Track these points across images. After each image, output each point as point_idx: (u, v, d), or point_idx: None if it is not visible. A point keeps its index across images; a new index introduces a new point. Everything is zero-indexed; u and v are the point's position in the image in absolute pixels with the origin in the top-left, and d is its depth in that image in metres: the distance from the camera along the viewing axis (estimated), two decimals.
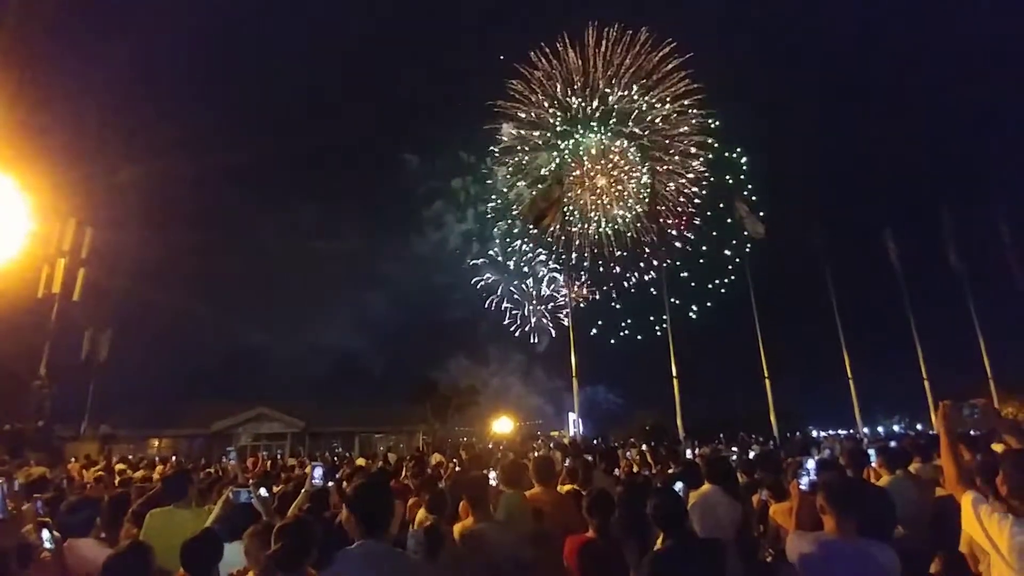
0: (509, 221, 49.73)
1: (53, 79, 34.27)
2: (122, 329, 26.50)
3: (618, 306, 48.15)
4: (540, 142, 49.41)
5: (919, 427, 28.38)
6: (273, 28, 53.29)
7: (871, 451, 5.09)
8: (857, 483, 4.13)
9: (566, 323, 44.88)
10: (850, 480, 4.17)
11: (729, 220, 24.26)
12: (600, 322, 47.74)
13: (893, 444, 9.51)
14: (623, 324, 47.41)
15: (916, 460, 5.47)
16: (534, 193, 33.98)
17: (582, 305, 43.86)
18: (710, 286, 44.58)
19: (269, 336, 43.13)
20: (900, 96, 53.58)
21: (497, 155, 49.74)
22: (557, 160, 48.34)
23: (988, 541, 2.35)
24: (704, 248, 46.25)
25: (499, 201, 50.63)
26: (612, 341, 46.68)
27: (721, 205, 41.81)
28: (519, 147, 49.64)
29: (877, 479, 4.76)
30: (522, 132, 49.36)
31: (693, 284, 45.41)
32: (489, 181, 50.84)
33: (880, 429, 36.62)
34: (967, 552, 3.21)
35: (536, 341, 47.48)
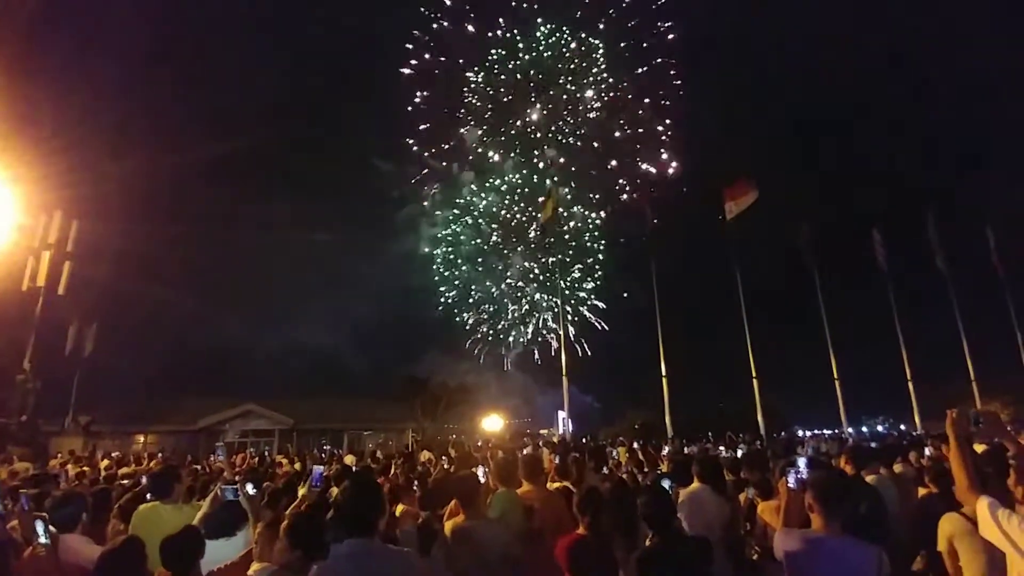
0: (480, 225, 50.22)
1: (38, 73, 33.75)
2: (108, 323, 26.23)
3: (605, 307, 48.48)
4: (502, 151, 50.14)
5: (902, 427, 28.78)
6: (258, 27, 52.77)
7: None
8: (846, 481, 4.18)
9: (544, 331, 45.49)
10: (839, 478, 4.22)
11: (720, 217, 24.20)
12: (588, 320, 48.03)
13: (874, 445, 9.69)
14: (613, 324, 47.73)
15: (899, 460, 5.57)
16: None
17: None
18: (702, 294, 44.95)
19: (257, 332, 42.80)
20: (888, 97, 54.19)
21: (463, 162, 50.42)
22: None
23: (1010, 544, 2.38)
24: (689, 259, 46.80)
25: (470, 207, 51.09)
26: (602, 331, 47.01)
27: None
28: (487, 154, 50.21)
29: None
30: (486, 140, 50.00)
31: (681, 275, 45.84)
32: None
33: (864, 429, 37.08)
34: (945, 551, 3.27)
35: (511, 348, 47.79)
